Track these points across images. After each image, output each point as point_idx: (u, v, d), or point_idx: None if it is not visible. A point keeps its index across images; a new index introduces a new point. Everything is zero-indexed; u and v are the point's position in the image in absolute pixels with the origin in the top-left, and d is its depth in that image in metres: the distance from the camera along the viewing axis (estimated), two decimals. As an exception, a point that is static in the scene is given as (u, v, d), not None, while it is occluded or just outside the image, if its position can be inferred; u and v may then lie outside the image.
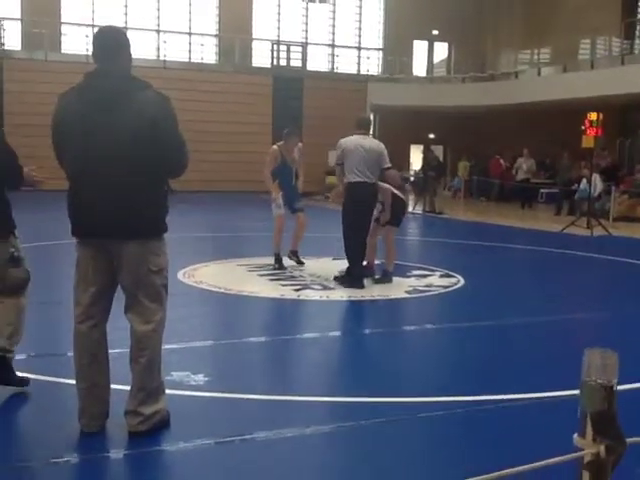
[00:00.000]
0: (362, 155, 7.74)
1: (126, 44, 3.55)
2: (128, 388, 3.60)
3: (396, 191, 8.29)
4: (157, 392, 3.61)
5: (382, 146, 7.99)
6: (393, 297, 7.49)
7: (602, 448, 1.52)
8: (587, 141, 14.74)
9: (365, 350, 5.69)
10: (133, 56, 3.60)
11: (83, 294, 3.56)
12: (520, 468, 1.50)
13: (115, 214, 3.42)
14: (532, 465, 1.56)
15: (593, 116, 14.46)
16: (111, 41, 3.52)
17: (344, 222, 7.99)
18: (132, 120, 3.36)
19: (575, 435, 1.59)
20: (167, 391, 3.77)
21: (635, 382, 4.33)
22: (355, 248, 7.88)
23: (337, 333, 6.07)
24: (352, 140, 7.88)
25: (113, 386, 3.72)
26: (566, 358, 5.25)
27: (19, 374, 4.16)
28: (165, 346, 4.45)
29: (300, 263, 9.00)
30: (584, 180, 17.41)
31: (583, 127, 14.68)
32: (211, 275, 8.39)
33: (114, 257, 3.50)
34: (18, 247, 4.06)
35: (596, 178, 16.85)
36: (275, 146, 9.02)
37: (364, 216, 7.86)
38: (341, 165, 7.87)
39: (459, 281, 8.41)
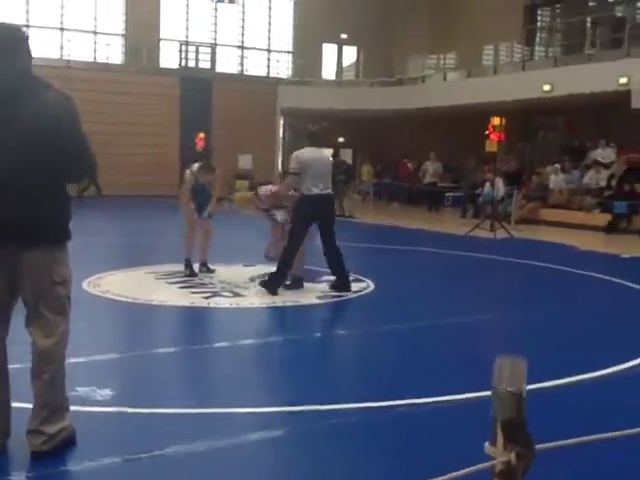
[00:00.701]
0: (322, 168, 8.01)
1: (25, 41, 3.40)
2: (30, 406, 3.44)
3: None
4: (61, 409, 3.47)
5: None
6: (304, 303, 7.47)
7: (513, 455, 1.54)
8: (490, 145, 15.18)
9: (276, 358, 5.65)
10: (35, 55, 3.45)
11: None
12: (434, 483, 1.50)
13: (17, 219, 3.24)
14: (447, 476, 1.56)
15: (496, 121, 14.91)
16: (8, 39, 3.35)
17: (296, 231, 8.08)
18: (33, 121, 3.21)
19: (486, 443, 1.60)
20: (72, 407, 3.63)
21: (538, 382, 4.46)
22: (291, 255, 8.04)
23: (248, 341, 5.99)
24: (308, 153, 8.04)
25: (14, 404, 3.55)
26: (474, 360, 5.37)
27: None
28: (69, 360, 4.29)
29: (210, 272, 8.88)
30: (487, 184, 17.92)
31: (487, 132, 15.10)
32: (118, 284, 8.17)
33: (14, 267, 3.31)
34: None
35: (499, 182, 17.38)
36: (188, 172, 8.95)
37: (331, 224, 8.26)
38: (298, 175, 7.90)
39: (369, 285, 8.49)
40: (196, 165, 8.98)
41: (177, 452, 3.50)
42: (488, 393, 1.63)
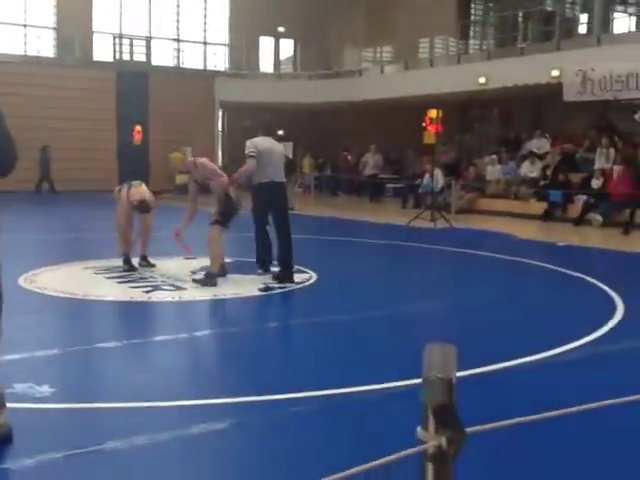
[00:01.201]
0: (277, 157, 8.36)
1: None
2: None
3: (231, 189, 8.18)
4: None
5: None
6: (246, 295, 7.46)
7: (444, 440, 1.58)
8: (428, 137, 15.38)
9: (218, 350, 5.65)
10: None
11: None
12: (368, 465, 1.53)
13: None
14: (380, 461, 1.59)
15: (433, 113, 15.10)
16: None
17: (260, 220, 8.44)
18: None
19: (418, 428, 1.64)
20: (8, 404, 3.57)
21: (473, 368, 4.57)
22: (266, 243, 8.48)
23: (189, 334, 5.97)
24: (263, 142, 8.32)
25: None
26: (411, 348, 5.46)
27: None
28: (5, 357, 4.23)
29: (151, 265, 8.80)
30: (427, 175, 18.16)
31: (424, 124, 15.29)
32: (55, 279, 8.03)
33: None
34: None
35: (438, 173, 17.63)
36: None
37: (287, 213, 8.53)
38: (256, 159, 8.12)
39: (311, 277, 8.53)
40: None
41: (117, 447, 3.47)
42: (418, 381, 1.67)
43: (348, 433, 3.78)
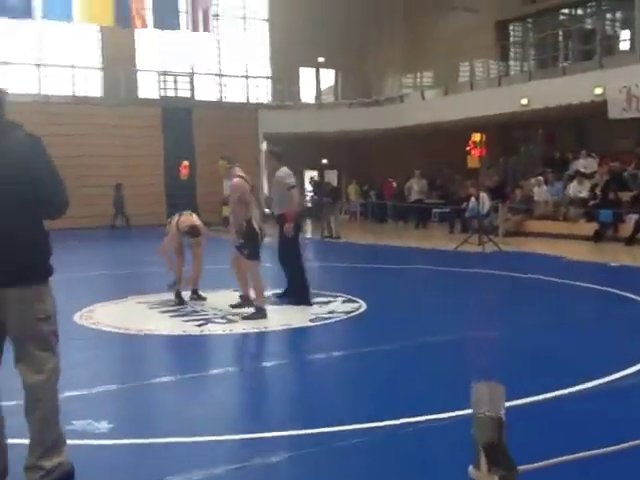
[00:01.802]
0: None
1: None
2: (27, 441, 3.44)
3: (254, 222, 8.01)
4: (57, 444, 3.46)
5: None
6: (297, 326, 7.48)
7: (496, 479, 1.56)
8: (472, 161, 15.29)
9: (272, 383, 5.65)
10: (13, 91, 3.49)
11: None
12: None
13: None
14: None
15: (477, 137, 15.03)
16: None
17: (296, 248, 8.63)
18: (3, 163, 3.26)
19: (470, 467, 1.62)
20: (68, 441, 3.61)
21: (526, 397, 4.49)
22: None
23: (243, 367, 6.00)
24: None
25: (13, 440, 3.55)
26: (466, 377, 5.39)
27: None
28: (64, 394, 4.29)
29: (201, 299, 8.88)
30: (472, 199, 18.05)
31: (468, 148, 15.23)
32: (109, 315, 8.15)
33: None
34: None
35: (483, 197, 17.50)
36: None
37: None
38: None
39: (361, 305, 8.50)
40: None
41: (178, 482, 3.51)
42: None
43: (405, 465, 3.74)
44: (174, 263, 8.83)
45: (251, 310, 7.91)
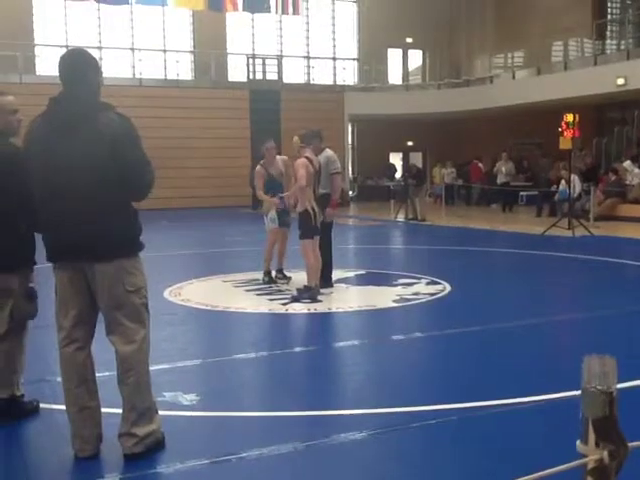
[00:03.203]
0: None
1: (93, 66, 3.57)
2: (120, 411, 3.57)
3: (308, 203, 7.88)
4: (149, 412, 3.59)
5: None
6: (381, 307, 7.49)
7: (605, 453, 1.52)
8: (564, 142, 14.86)
9: (356, 362, 5.68)
10: (109, 75, 3.61)
11: (65, 318, 3.56)
12: (526, 478, 1.50)
13: (83, 236, 3.42)
14: (538, 474, 1.56)
15: (569, 117, 14.59)
16: (77, 64, 3.53)
17: (330, 230, 8.45)
18: (93, 142, 3.38)
19: (578, 442, 1.59)
20: (160, 412, 3.74)
21: (629, 381, 4.36)
22: None
23: (327, 346, 6.05)
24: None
25: (107, 410, 3.70)
26: (555, 361, 5.28)
27: (27, 400, 4.19)
28: (155, 367, 4.44)
29: (286, 278, 8.98)
30: (563, 181, 17.56)
31: (560, 129, 14.81)
32: (197, 292, 8.36)
33: (89, 279, 3.50)
34: (34, 282, 4.07)
35: (574, 179, 17.00)
36: (258, 166, 9.02)
37: None
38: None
39: (445, 288, 8.43)
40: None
41: (263, 454, 3.57)
42: (575, 393, 1.62)
43: (498, 447, 3.70)
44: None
45: (302, 290, 7.89)
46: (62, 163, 3.39)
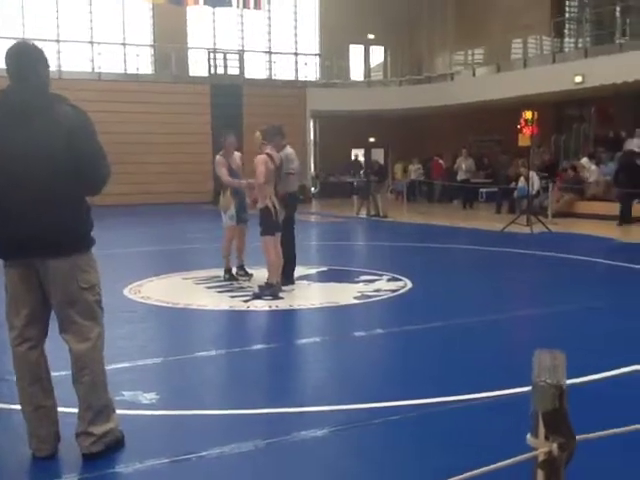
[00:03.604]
0: None
1: (41, 58, 3.52)
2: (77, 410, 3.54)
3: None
4: (106, 411, 3.57)
5: None
6: (342, 303, 7.51)
7: (555, 446, 1.56)
8: (523, 139, 15.05)
9: (317, 359, 5.70)
10: (67, 69, 3.57)
11: (16, 317, 3.52)
12: (476, 471, 1.53)
13: (36, 231, 3.37)
14: (488, 467, 1.59)
15: (528, 115, 14.76)
16: (25, 56, 3.47)
17: (293, 227, 8.43)
18: (48, 134, 3.34)
19: (528, 435, 1.62)
20: (119, 411, 3.72)
21: (580, 376, 4.45)
22: None
23: (288, 343, 6.06)
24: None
25: (64, 409, 3.66)
26: (514, 356, 5.36)
27: None
28: (114, 365, 4.42)
29: (248, 275, 8.96)
30: (522, 178, 17.79)
31: (519, 126, 14.98)
32: (157, 290, 8.30)
33: (41, 276, 3.45)
34: None
35: (533, 176, 17.23)
36: (218, 156, 8.97)
37: None
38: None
39: (406, 284, 8.49)
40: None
41: (224, 452, 3.57)
42: (527, 389, 1.65)
43: (456, 442, 3.75)
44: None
45: (264, 287, 7.87)
46: (16, 154, 3.33)
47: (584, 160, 19.19)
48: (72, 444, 3.52)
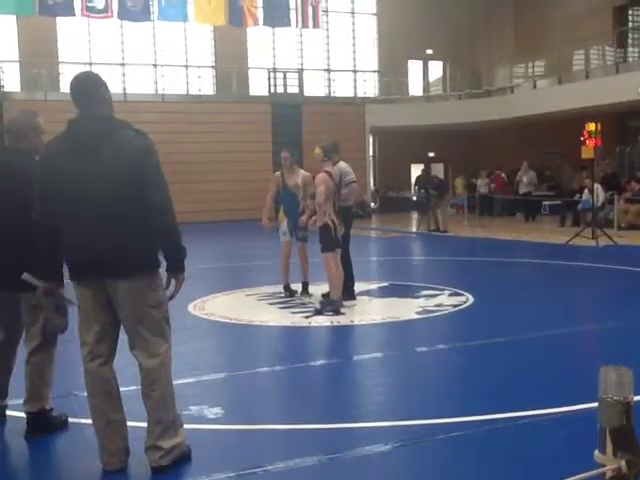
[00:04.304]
0: None
1: (103, 86, 3.66)
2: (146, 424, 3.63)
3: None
4: (174, 425, 3.65)
5: None
6: (404, 319, 7.50)
7: (623, 463, 1.55)
8: (587, 152, 14.79)
9: (379, 374, 5.70)
10: (131, 91, 3.72)
11: (87, 333, 3.64)
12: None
13: (105, 254, 3.50)
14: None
15: (591, 127, 14.52)
16: (88, 84, 3.62)
17: (348, 242, 8.42)
18: (114, 161, 3.46)
19: (595, 451, 1.62)
20: (186, 425, 3.79)
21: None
22: None
23: (349, 358, 6.09)
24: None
25: (133, 424, 3.75)
26: (579, 372, 5.27)
27: (56, 413, 4.26)
28: (180, 380, 4.51)
29: (307, 294, 8.93)
30: (586, 190, 17.46)
31: (582, 137, 14.74)
32: (221, 306, 8.43)
33: (111, 295, 3.58)
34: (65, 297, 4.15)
35: (598, 188, 16.89)
36: (277, 172, 9.14)
37: None
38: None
39: (468, 299, 8.43)
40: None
41: (289, 467, 3.60)
42: (593, 405, 1.65)
43: (517, 458, 3.71)
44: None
45: (325, 302, 7.95)
46: (85, 180, 3.46)
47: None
48: (141, 458, 3.61)
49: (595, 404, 1.66)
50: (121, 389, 3.73)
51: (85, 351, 3.66)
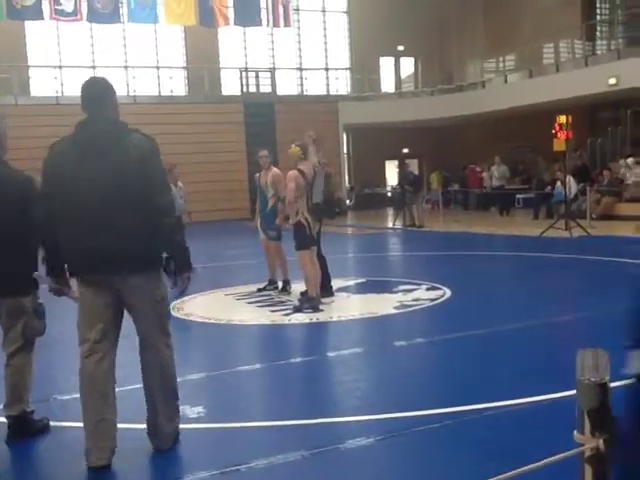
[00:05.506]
0: None
1: (111, 92, 3.80)
2: (135, 426, 3.67)
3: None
4: (176, 412, 3.90)
5: None
6: (382, 314, 7.55)
7: (601, 442, 1.59)
8: (558, 144, 14.94)
9: (359, 369, 5.73)
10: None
11: (89, 331, 3.69)
12: (524, 468, 1.56)
13: (117, 251, 3.57)
14: (536, 464, 1.62)
15: (562, 119, 14.67)
16: (97, 91, 3.74)
17: (319, 239, 8.32)
18: (121, 163, 3.55)
19: (575, 432, 1.65)
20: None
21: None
22: None
23: (329, 354, 6.11)
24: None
25: (120, 425, 3.75)
26: (556, 361, 5.34)
27: (37, 417, 4.24)
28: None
29: (286, 290, 8.99)
30: (558, 183, 17.64)
31: (554, 130, 14.88)
32: (200, 306, 8.42)
33: (118, 292, 3.67)
34: (41, 299, 4.18)
35: (570, 180, 17.08)
36: (257, 174, 9.24)
37: None
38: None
39: (445, 293, 8.49)
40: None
41: (272, 463, 3.63)
42: (571, 393, 1.68)
43: (495, 447, 3.76)
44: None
45: (303, 300, 7.97)
46: (93, 180, 3.54)
47: (630, 160, 18.84)
48: (126, 457, 3.61)
49: (572, 392, 1.69)
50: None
51: (85, 348, 3.70)
